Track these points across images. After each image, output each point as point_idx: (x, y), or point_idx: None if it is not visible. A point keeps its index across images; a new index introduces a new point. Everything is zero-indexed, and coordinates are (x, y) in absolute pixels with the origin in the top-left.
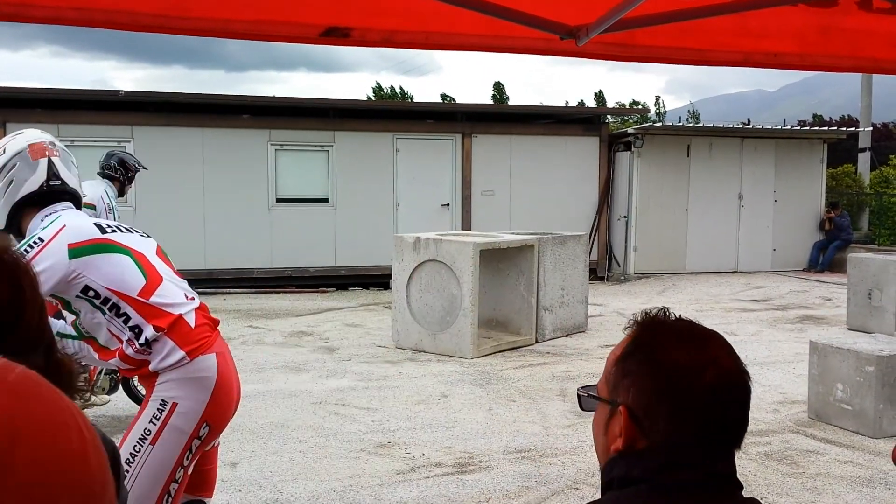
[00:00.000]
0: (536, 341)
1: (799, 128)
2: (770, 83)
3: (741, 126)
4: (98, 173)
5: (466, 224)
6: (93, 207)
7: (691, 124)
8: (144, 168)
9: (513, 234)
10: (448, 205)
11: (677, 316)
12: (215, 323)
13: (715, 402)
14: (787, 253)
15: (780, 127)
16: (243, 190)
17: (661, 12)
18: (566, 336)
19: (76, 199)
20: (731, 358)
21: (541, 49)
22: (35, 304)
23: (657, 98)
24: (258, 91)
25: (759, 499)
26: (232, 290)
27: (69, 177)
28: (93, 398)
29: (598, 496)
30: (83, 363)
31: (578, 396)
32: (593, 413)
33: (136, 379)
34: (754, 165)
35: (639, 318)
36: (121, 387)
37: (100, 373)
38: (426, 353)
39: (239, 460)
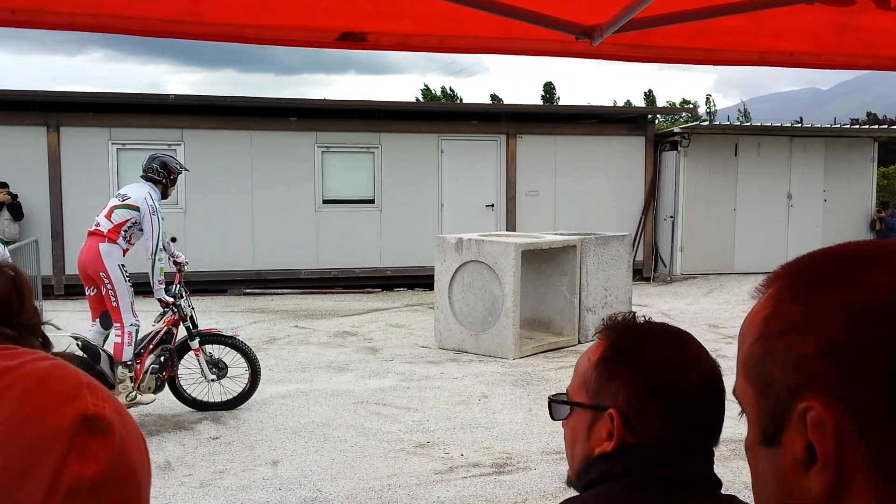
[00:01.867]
0: (579, 342)
1: (849, 126)
2: (823, 81)
3: (789, 125)
4: (141, 176)
5: (511, 225)
6: (136, 209)
7: (740, 123)
8: (186, 170)
9: (555, 234)
10: (493, 205)
11: (647, 319)
12: None
13: (702, 398)
14: None
15: (830, 125)
16: (290, 191)
17: (675, 12)
18: None
19: None
20: (708, 356)
21: (557, 51)
22: (31, 298)
23: (707, 97)
24: (307, 94)
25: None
26: (280, 291)
27: None
28: (139, 396)
29: None
30: (128, 362)
31: (550, 405)
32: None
33: (180, 379)
34: (803, 164)
35: (609, 324)
36: (167, 386)
37: (146, 372)
38: (468, 354)
39: (280, 459)
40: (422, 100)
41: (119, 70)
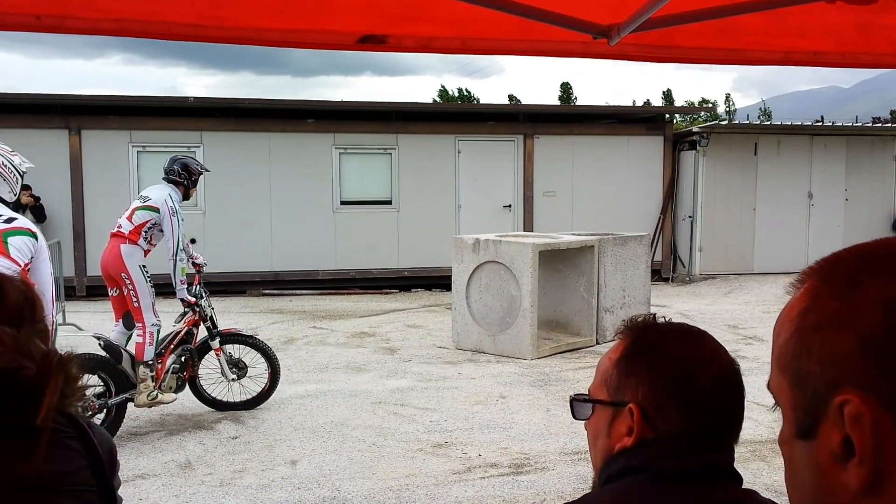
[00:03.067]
0: (597, 342)
1: (870, 124)
2: (844, 79)
3: (810, 123)
4: (163, 178)
5: (528, 225)
6: (156, 211)
7: (760, 122)
8: (207, 171)
9: (573, 234)
10: (510, 206)
11: (667, 319)
12: None
13: (719, 394)
14: None
15: (851, 124)
16: (308, 193)
17: (692, 10)
18: None
19: None
20: (726, 354)
21: (579, 52)
22: (42, 311)
23: (727, 96)
24: (324, 95)
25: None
26: (298, 292)
27: None
28: (160, 396)
29: None
30: (150, 362)
31: (572, 405)
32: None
33: (200, 378)
34: (824, 163)
35: (630, 324)
36: (187, 386)
37: (167, 372)
38: (486, 354)
39: (299, 458)
40: (439, 101)
41: (137, 73)
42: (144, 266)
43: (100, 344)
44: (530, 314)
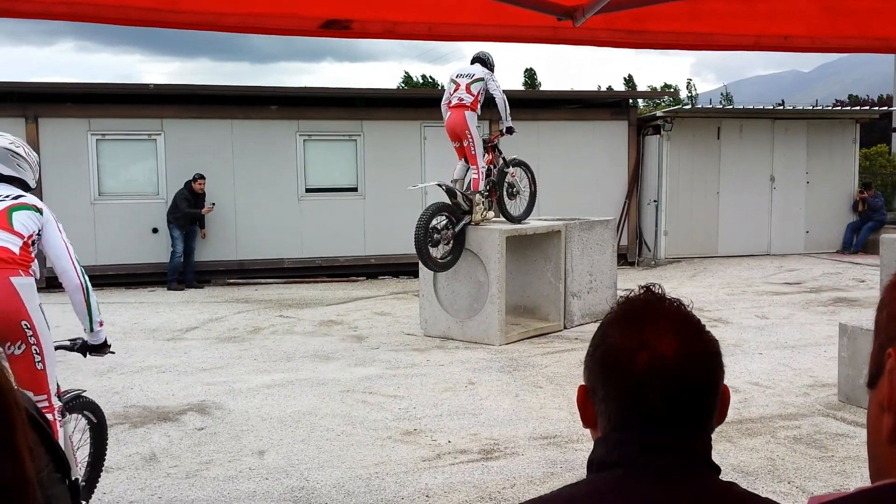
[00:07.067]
0: (564, 327)
1: (830, 108)
2: (804, 63)
3: (772, 107)
4: (472, 63)
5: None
6: (482, 80)
7: (722, 106)
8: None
9: (539, 220)
10: None
11: (661, 293)
12: None
13: (646, 387)
14: (819, 235)
15: (812, 107)
16: (273, 180)
17: None
18: (595, 322)
19: None
20: (675, 340)
21: (547, 37)
22: None
23: (688, 81)
24: (284, 82)
25: (788, 483)
26: (263, 281)
27: None
28: (486, 213)
29: None
30: (481, 191)
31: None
32: None
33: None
34: (786, 147)
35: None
36: (496, 205)
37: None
38: (454, 341)
39: (267, 448)
40: (404, 87)
41: (91, 60)
42: (479, 126)
43: (442, 188)
44: (498, 300)
